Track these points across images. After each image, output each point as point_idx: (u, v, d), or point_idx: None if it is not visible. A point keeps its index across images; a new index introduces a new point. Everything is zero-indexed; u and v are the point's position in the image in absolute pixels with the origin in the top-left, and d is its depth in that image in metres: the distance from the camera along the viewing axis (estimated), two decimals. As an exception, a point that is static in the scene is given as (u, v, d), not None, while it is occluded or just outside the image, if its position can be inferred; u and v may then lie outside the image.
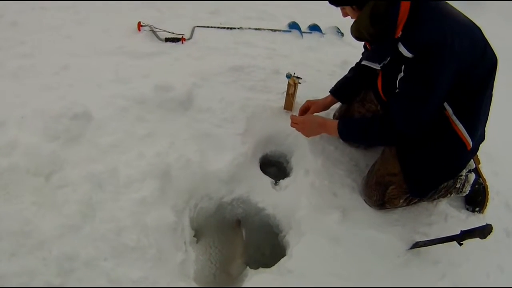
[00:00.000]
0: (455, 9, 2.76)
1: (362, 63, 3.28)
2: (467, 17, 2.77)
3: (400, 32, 2.65)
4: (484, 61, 2.73)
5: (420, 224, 3.29)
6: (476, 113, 2.82)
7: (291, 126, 3.46)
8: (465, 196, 3.50)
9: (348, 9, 2.84)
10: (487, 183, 3.54)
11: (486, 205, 3.48)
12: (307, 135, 3.48)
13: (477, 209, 3.48)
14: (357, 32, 2.87)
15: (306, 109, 3.70)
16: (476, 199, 3.49)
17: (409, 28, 2.62)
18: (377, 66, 3.07)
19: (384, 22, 2.69)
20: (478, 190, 3.50)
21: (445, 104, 2.80)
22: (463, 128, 2.80)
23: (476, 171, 3.57)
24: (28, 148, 2.81)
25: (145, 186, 2.90)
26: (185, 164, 3.20)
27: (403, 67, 2.76)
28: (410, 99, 2.76)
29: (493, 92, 2.86)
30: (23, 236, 2.40)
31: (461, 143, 2.85)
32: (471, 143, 2.85)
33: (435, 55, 2.53)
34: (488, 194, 3.50)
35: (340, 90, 3.66)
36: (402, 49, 2.66)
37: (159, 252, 2.67)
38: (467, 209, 3.53)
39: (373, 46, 3.12)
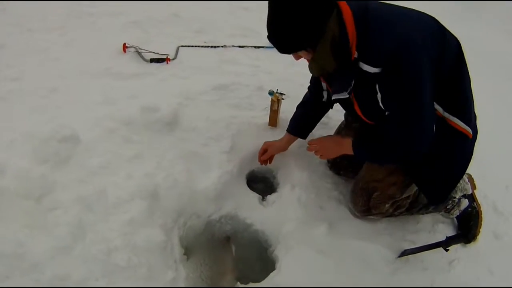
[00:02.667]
0: (402, 7, 2.67)
1: (333, 98, 3.04)
2: (417, 11, 2.70)
3: (355, 52, 2.55)
4: (449, 48, 2.66)
5: (407, 232, 3.34)
6: (462, 99, 2.78)
7: (308, 150, 3.44)
8: (456, 218, 3.51)
9: (302, 52, 2.63)
10: (481, 209, 3.52)
11: (479, 231, 3.41)
12: (328, 157, 3.42)
13: (468, 243, 3.37)
14: (321, 71, 2.76)
15: (264, 151, 3.68)
16: (468, 223, 3.46)
17: (362, 45, 2.52)
18: (345, 95, 2.87)
19: (344, 49, 2.55)
20: (470, 214, 3.48)
21: (434, 105, 2.73)
22: (459, 120, 2.76)
23: (471, 196, 3.55)
24: (18, 171, 2.82)
25: (134, 207, 2.93)
26: (173, 183, 3.23)
27: (376, 86, 2.65)
28: (408, 119, 2.64)
29: (468, 69, 2.78)
30: (16, 259, 2.42)
31: (462, 135, 2.81)
32: (470, 131, 2.81)
33: (404, 60, 2.44)
34: (481, 220, 3.46)
35: (296, 128, 3.64)
36: (365, 67, 2.56)
37: (149, 271, 2.70)
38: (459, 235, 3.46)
39: (333, 77, 2.96)
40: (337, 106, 3.28)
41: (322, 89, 3.37)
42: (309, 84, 3.54)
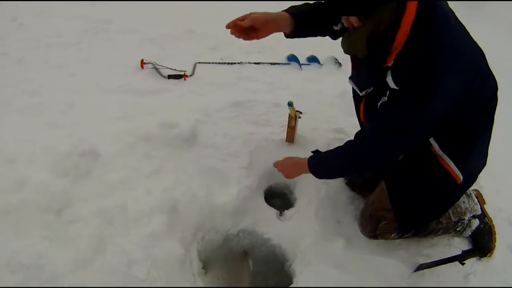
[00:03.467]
0: (460, 27, 2.42)
1: (348, 82, 2.98)
2: (471, 37, 2.47)
3: (392, 61, 2.38)
4: (482, 91, 2.57)
5: (423, 246, 3.31)
6: (467, 144, 2.71)
7: (275, 167, 3.58)
8: (470, 236, 3.44)
9: (353, 19, 2.34)
10: (493, 223, 3.47)
11: (495, 246, 3.36)
12: (290, 176, 3.51)
13: (484, 257, 3.32)
14: (349, 49, 2.56)
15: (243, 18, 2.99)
16: (482, 239, 3.39)
17: (402, 59, 2.33)
18: (359, 91, 2.91)
19: (380, 47, 2.36)
20: (483, 230, 3.42)
21: (431, 140, 2.69)
22: (452, 163, 2.69)
23: (482, 212, 3.48)
24: (38, 185, 2.84)
25: (153, 221, 2.95)
26: (192, 198, 3.25)
27: (388, 92, 2.53)
28: (386, 126, 2.58)
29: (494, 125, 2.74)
30: (36, 270, 2.44)
31: (450, 178, 2.74)
32: (461, 177, 2.72)
33: (423, 91, 2.31)
34: (495, 235, 3.41)
35: (300, 17, 3.00)
36: (389, 79, 2.42)
37: (168, 283, 2.72)
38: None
39: (359, 68, 2.89)
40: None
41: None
42: None
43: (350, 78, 2.97)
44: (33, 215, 2.70)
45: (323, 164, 3.14)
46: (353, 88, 3.10)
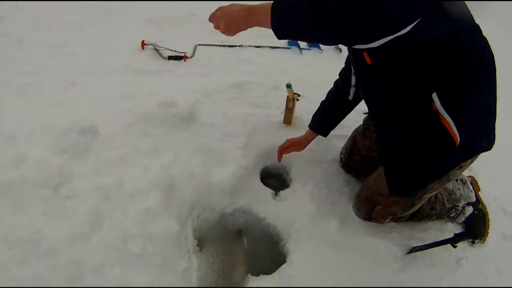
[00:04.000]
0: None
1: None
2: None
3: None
4: (484, 49, 2.45)
5: (416, 230, 3.35)
6: (468, 99, 2.51)
7: (210, 20, 2.62)
8: (463, 222, 3.47)
9: None
10: (487, 210, 3.50)
11: (487, 233, 3.39)
12: (229, 29, 2.53)
13: (477, 240, 3.37)
14: None
15: (284, 149, 3.66)
16: (476, 225, 3.42)
17: None
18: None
19: None
20: (477, 216, 3.45)
21: (433, 95, 2.46)
22: (450, 120, 2.49)
23: (476, 199, 3.52)
24: (37, 161, 2.88)
25: (150, 197, 2.97)
26: (189, 176, 3.28)
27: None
28: None
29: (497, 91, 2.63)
30: (33, 245, 2.47)
31: (448, 137, 2.52)
32: (458, 138, 2.51)
33: None
34: (488, 221, 3.44)
35: (319, 124, 3.60)
36: None
37: (163, 259, 2.73)
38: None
39: None
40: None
41: (350, 84, 3.25)
42: (337, 78, 3.45)
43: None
44: (32, 191, 2.73)
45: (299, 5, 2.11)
46: (343, 96, 3.27)
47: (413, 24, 2.00)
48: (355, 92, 3.26)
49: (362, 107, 3.19)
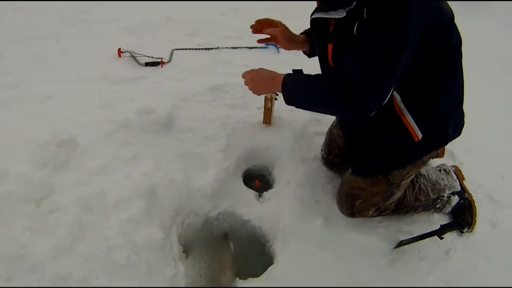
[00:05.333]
0: None
1: (314, 16, 2.69)
2: None
3: None
4: (450, 38, 2.46)
5: (403, 223, 3.34)
6: (429, 100, 2.59)
7: (242, 77, 3.15)
8: (450, 212, 3.47)
9: None
10: (473, 198, 3.49)
11: (475, 221, 3.37)
12: (257, 91, 3.11)
13: (465, 230, 3.34)
14: None
15: (271, 24, 3.43)
16: (463, 214, 3.41)
17: None
18: (341, 13, 2.38)
19: None
20: (463, 205, 3.44)
21: (394, 92, 2.50)
22: (411, 119, 2.58)
23: (462, 188, 3.51)
24: (19, 176, 2.87)
25: (132, 206, 2.97)
26: (170, 182, 3.28)
27: (355, 26, 2.34)
28: (369, 69, 2.31)
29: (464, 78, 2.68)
30: (18, 260, 2.47)
31: (407, 134, 2.64)
32: (420, 135, 2.63)
33: (399, 12, 2.13)
34: (475, 210, 3.42)
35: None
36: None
37: (149, 268, 2.74)
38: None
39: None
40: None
41: None
42: None
43: (321, 9, 2.61)
44: (14, 206, 2.73)
45: (301, 88, 2.73)
46: (316, 34, 2.98)
47: None
48: None
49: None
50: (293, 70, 3.10)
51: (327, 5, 2.52)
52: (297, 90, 2.76)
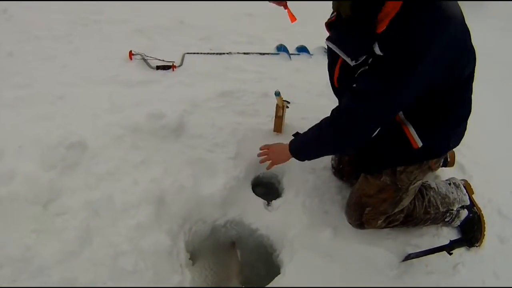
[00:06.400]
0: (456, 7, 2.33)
1: (327, 43, 2.68)
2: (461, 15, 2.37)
3: (384, 28, 2.24)
4: (465, 67, 2.50)
5: (411, 236, 3.32)
6: (435, 119, 2.65)
7: (258, 155, 3.52)
8: (459, 226, 3.45)
9: None
10: (482, 212, 3.46)
11: (484, 235, 3.35)
12: (277, 162, 3.41)
13: (476, 244, 3.32)
14: (334, 5, 2.43)
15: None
16: (472, 228, 3.39)
17: (394, 26, 2.21)
18: (348, 61, 2.51)
19: (366, 10, 2.28)
20: (472, 220, 3.41)
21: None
22: (412, 129, 2.66)
23: (471, 202, 3.48)
24: (26, 177, 2.85)
25: (140, 212, 2.95)
26: (179, 189, 3.26)
27: (370, 60, 2.42)
28: (365, 96, 2.46)
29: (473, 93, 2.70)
30: (24, 263, 2.46)
31: (407, 141, 2.70)
32: (419, 143, 2.68)
33: (411, 59, 2.22)
34: (484, 224, 3.39)
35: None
36: (375, 47, 2.32)
37: (156, 275, 2.72)
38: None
39: (340, 31, 2.60)
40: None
41: None
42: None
43: (328, 39, 2.66)
44: (22, 208, 2.71)
45: (302, 147, 3.13)
46: (328, 50, 3.03)
47: None
48: None
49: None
50: (293, 136, 3.31)
51: (339, 42, 2.58)
52: (301, 151, 3.16)
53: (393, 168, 2.96)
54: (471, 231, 3.38)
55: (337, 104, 2.94)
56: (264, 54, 5.88)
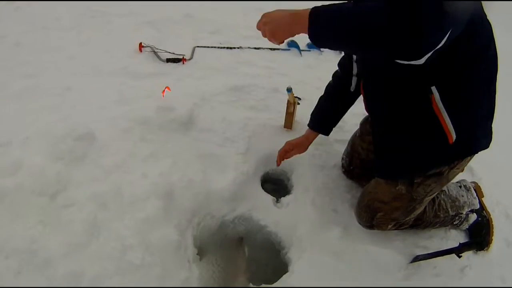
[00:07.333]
0: None
1: None
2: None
3: None
4: (488, 48, 2.36)
5: (420, 238, 3.29)
6: (470, 102, 2.47)
7: (257, 27, 2.37)
8: (467, 229, 3.42)
9: None
10: (491, 217, 3.43)
11: (492, 240, 3.33)
12: (275, 35, 2.22)
13: (485, 248, 3.29)
14: None
15: (286, 152, 3.52)
16: (480, 232, 3.37)
17: None
18: None
19: None
20: (481, 223, 3.39)
21: (433, 88, 2.36)
22: (447, 117, 2.43)
23: (480, 205, 3.45)
24: (33, 168, 2.82)
25: (149, 205, 2.92)
26: (188, 183, 3.23)
27: None
28: None
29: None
30: (30, 255, 2.43)
31: (442, 133, 2.49)
32: (454, 136, 2.48)
33: None
34: (492, 228, 3.37)
35: (319, 123, 3.52)
36: None
37: (163, 269, 2.69)
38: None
39: None
40: (355, 108, 3.29)
41: (351, 74, 3.16)
42: (335, 70, 3.40)
43: None
44: (28, 199, 2.68)
45: (341, 13, 1.92)
46: (342, 90, 3.22)
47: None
48: (357, 82, 3.18)
49: (361, 111, 3.17)
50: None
51: None
52: (335, 16, 1.95)
53: (414, 173, 2.82)
54: (480, 235, 3.36)
55: None
56: (274, 49, 5.88)
